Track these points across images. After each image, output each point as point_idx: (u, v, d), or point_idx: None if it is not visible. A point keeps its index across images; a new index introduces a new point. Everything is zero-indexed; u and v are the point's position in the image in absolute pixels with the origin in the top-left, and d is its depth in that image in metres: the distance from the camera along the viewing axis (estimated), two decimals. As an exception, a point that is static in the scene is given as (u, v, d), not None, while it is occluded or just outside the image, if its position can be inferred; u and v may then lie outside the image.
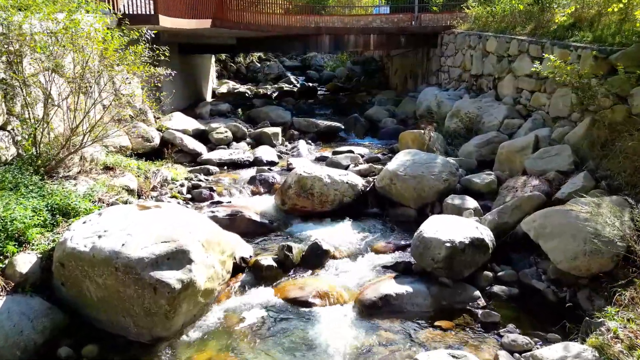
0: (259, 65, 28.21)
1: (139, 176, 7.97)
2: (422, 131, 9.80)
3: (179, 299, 4.17)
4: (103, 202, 6.44)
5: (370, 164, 9.15)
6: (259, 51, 15.87)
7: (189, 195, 7.96)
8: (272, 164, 10.14)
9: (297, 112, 16.19)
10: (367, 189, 7.92)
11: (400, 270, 5.71)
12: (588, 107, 8.21)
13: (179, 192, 7.93)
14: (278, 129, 12.03)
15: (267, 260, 5.72)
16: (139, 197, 7.46)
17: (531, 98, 10.42)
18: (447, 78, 15.39)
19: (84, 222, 4.78)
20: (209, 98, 20.20)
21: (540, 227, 5.57)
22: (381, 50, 21.31)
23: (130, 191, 7.21)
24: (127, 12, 11.10)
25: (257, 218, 7.07)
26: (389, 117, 14.17)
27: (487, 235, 5.68)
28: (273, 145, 11.60)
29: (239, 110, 14.11)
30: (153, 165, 8.73)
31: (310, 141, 12.56)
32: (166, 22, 11.55)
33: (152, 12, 11.20)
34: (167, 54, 7.72)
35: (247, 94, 20.80)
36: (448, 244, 5.27)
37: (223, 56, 26.95)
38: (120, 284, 4.12)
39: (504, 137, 9.46)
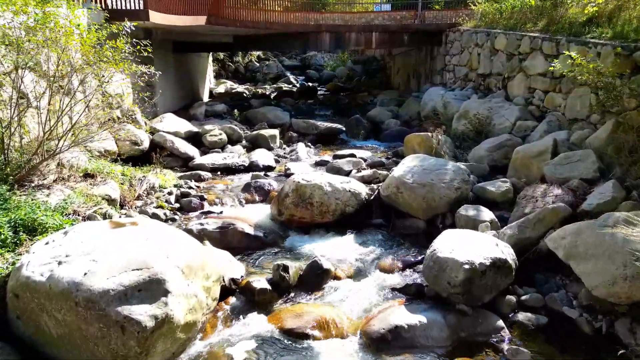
0: (257, 64, 27.50)
1: (122, 184, 7.27)
2: (430, 134, 9.11)
3: (152, 338, 3.48)
4: (78, 215, 5.75)
5: (374, 169, 8.45)
6: (256, 50, 15.17)
7: (177, 205, 7.27)
8: (269, 168, 9.45)
9: (296, 112, 15.49)
10: (371, 197, 7.23)
11: (412, 294, 5.02)
12: (610, 109, 7.53)
13: (166, 202, 7.24)
14: (276, 131, 11.34)
15: (260, 282, 5.03)
16: (122, 207, 6.76)
17: (545, 98, 9.73)
18: (452, 77, 14.69)
19: (47, 243, 4.08)
20: (206, 98, 19.51)
21: (571, 246, 4.88)
22: (383, 49, 20.62)
23: (111, 201, 6.52)
24: (114, 7, 10.41)
25: (250, 231, 6.37)
26: (392, 119, 13.47)
27: (509, 254, 4.99)
28: (270, 149, 10.91)
29: (235, 111, 13.41)
30: (140, 171, 8.04)
31: (309, 144, 11.87)
32: (157, 17, 10.86)
33: (142, 7, 10.51)
34: (149, 50, 6.92)
35: (245, 94, 20.11)
36: (466, 266, 4.57)
37: (221, 55, 26.26)
38: (82, 321, 3.43)
39: (517, 140, 8.78)
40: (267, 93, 21.25)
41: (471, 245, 4.94)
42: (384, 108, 14.22)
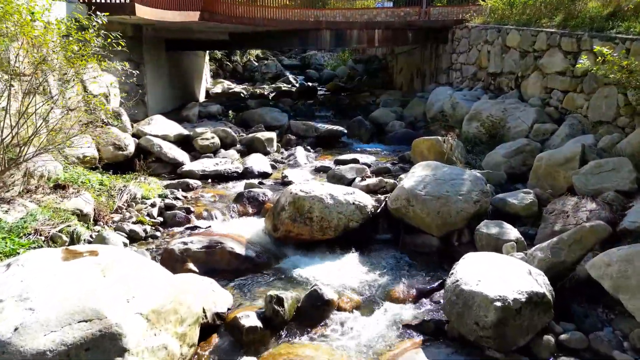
0: (256, 64, 26.67)
1: (99, 195, 6.46)
2: (440, 138, 8.28)
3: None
4: (40, 235, 4.93)
5: (380, 177, 7.62)
6: (254, 48, 14.36)
7: (160, 219, 6.44)
8: (265, 175, 8.62)
9: (295, 114, 14.66)
10: (378, 210, 6.41)
11: (429, 333, 4.19)
12: (642, 111, 6.74)
13: (148, 215, 6.41)
14: (273, 134, 10.51)
15: (249, 318, 4.20)
16: (96, 223, 5.93)
17: (564, 99, 8.92)
18: (459, 77, 13.86)
19: (-19, 280, 3.26)
20: (202, 98, 18.69)
21: (621, 275, 4.06)
22: (385, 48, 19.80)
23: (82, 216, 5.69)
24: (98, 1, 9.58)
25: (241, 250, 5.55)
26: (396, 120, 12.64)
27: (545, 284, 4.16)
28: (266, 153, 10.09)
29: (230, 112, 12.58)
30: (121, 180, 7.22)
31: (309, 147, 11.04)
32: (144, 12, 10.03)
33: (128, 0, 9.67)
34: (122, 44, 6.09)
35: (242, 94, 19.28)
36: (498, 304, 3.75)
37: (219, 55, 25.43)
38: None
39: (535, 145, 7.95)
40: (266, 93, 20.43)
41: (500, 274, 4.11)
42: (388, 109, 13.39)
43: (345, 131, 11.86)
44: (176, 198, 7.14)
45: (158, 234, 6.01)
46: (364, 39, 14.79)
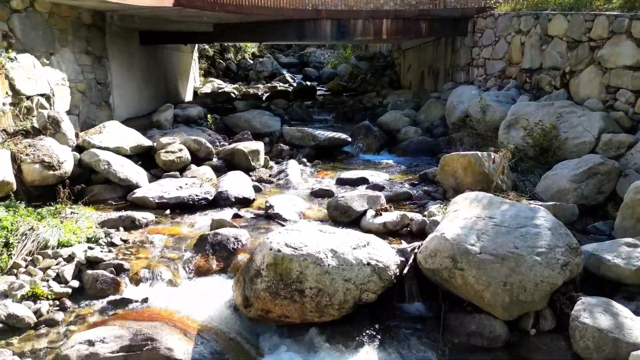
0: (251, 62, 24.41)
1: (-15, 246, 4.22)
2: (480, 154, 6.04)
3: None
4: None
5: (401, 210, 5.36)
6: (242, 41, 12.15)
7: (75, 283, 4.19)
8: (245, 202, 6.38)
9: (289, 117, 12.41)
10: (405, 268, 4.17)
11: None
12: None
13: (55, 277, 4.17)
14: (259, 144, 8.24)
15: None
16: (-39, 298, 3.70)
17: (637, 102, 6.70)
18: (482, 74, 11.61)
19: None
20: (189, 99, 16.44)
21: None
22: (394, 42, 17.54)
23: None
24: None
25: (185, 354, 3.31)
26: (410, 126, 10.38)
27: None
28: (251, 169, 7.84)
29: (209, 116, 10.30)
30: (34, 216, 4.98)
31: (305, 160, 8.80)
32: (97, -9, 7.78)
33: (71, -25, 7.43)
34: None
35: (233, 95, 17.02)
36: None
37: (210, 51, 23.18)
38: None
39: (613, 165, 5.71)
40: (260, 93, 18.17)
41: None
42: (398, 112, 11.12)
43: (349, 139, 9.61)
44: (111, 244, 4.89)
45: (60, 315, 3.76)
46: (370, 31, 12.53)
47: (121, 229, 5.30)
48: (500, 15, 10.81)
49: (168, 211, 6.00)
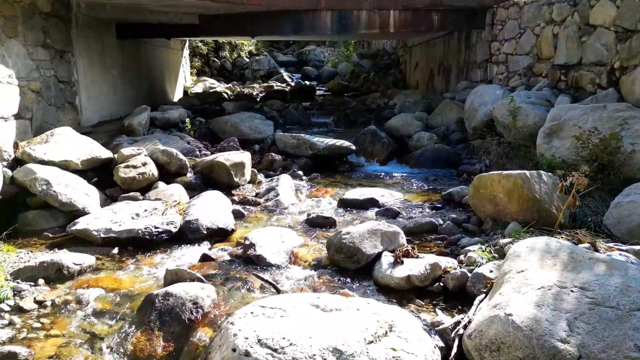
0: (247, 60, 22.88)
1: None
2: (529, 174, 4.50)
3: None
4: None
5: (433, 260, 3.78)
6: (231, 35, 10.68)
7: None
8: (221, 234, 4.86)
9: (285, 121, 10.88)
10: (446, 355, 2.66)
11: None
12: None
13: None
14: (245, 156, 6.68)
15: None
16: None
17: None
18: (502, 72, 10.08)
19: None
20: (178, 99, 14.91)
21: None
22: (400, 37, 15.97)
23: None
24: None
25: None
26: (423, 131, 8.84)
27: None
28: (234, 186, 6.32)
29: (187, 120, 8.74)
30: None
31: (300, 172, 7.27)
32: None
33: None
34: None
35: (225, 95, 15.49)
36: None
37: (204, 49, 21.68)
38: None
39: None
40: (255, 93, 16.64)
41: None
42: (409, 115, 9.56)
43: (353, 147, 8.06)
44: (18, 310, 3.36)
45: None
46: (376, 23, 10.99)
47: (41, 281, 3.77)
48: (526, 4, 9.27)
49: (116, 250, 4.46)
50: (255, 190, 6.35)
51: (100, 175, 6.00)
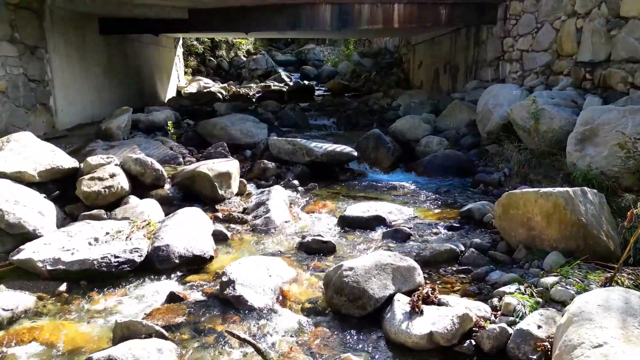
0: (244, 59, 22.00)
1: None
2: (573, 192, 3.63)
3: None
4: None
5: (463, 310, 2.91)
6: (223, 30, 9.84)
7: None
8: (197, 262, 3.99)
9: (281, 123, 10.00)
10: None
11: None
12: None
13: None
14: (231, 165, 5.80)
15: None
16: None
17: None
18: (517, 70, 9.20)
19: None
20: (167, 100, 14.03)
21: None
22: (404, 34, 15.07)
23: None
24: None
25: None
26: (431, 135, 7.96)
27: None
28: (218, 200, 5.44)
29: (169, 124, 7.82)
30: None
31: (296, 182, 6.40)
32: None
33: None
34: None
35: (219, 95, 14.63)
36: None
37: (200, 48, 20.82)
38: None
39: None
40: (251, 93, 15.79)
41: None
42: (415, 118, 8.67)
43: (355, 153, 7.19)
44: None
45: None
46: (379, 18, 10.11)
47: (-45, 335, 2.90)
48: (544, -4, 8.40)
49: (64, 286, 3.59)
50: (243, 205, 5.48)
51: (64, 188, 5.13)
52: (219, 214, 5.12)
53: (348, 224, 4.87)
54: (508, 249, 3.99)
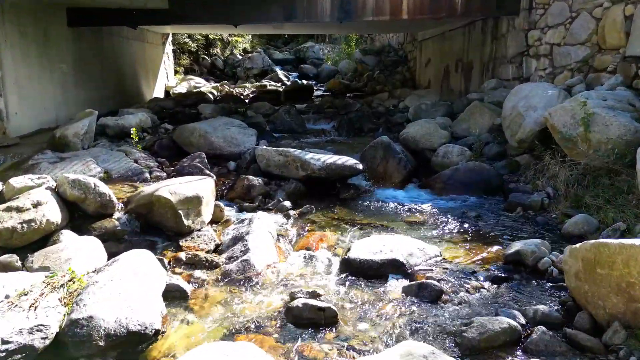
0: (239, 58, 20.68)
1: None
2: None
3: None
4: None
5: None
6: (209, 22, 8.60)
7: None
8: (134, 343, 2.67)
9: (274, 128, 8.66)
10: None
11: None
12: None
13: None
14: (204, 186, 4.48)
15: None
16: None
17: None
18: (545, 67, 7.88)
19: None
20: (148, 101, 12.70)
21: None
22: (413, 27, 13.70)
23: None
24: None
25: None
26: (451, 144, 6.63)
27: None
28: (183, 232, 4.12)
29: (133, 131, 6.46)
30: None
31: (287, 203, 5.09)
32: None
33: None
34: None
35: (210, 95, 13.31)
36: None
37: (194, 46, 19.52)
38: None
39: None
40: (245, 94, 14.48)
41: None
42: (430, 123, 7.31)
43: (360, 166, 5.85)
44: None
45: None
46: (385, 8, 8.79)
47: None
48: (579, -20, 7.08)
49: None
50: (216, 240, 4.15)
51: (-24, 219, 3.81)
52: (182, 254, 3.80)
53: (354, 271, 3.55)
54: (591, 323, 2.67)
